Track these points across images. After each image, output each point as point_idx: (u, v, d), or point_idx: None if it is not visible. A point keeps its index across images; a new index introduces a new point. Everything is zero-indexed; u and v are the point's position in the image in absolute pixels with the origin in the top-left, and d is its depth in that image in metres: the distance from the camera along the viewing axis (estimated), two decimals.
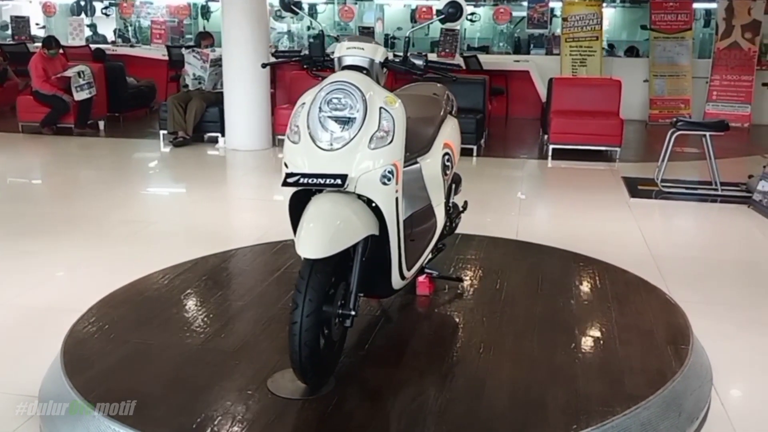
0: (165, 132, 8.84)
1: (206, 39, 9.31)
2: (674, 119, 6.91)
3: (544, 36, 13.17)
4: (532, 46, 13.15)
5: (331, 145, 2.59)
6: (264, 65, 3.26)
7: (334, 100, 2.61)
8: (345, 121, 2.60)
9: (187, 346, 2.96)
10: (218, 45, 9.25)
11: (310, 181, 2.54)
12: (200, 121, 8.79)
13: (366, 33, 12.09)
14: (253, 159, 8.33)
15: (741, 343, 3.63)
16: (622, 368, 2.85)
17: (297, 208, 2.70)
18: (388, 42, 14.08)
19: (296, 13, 3.00)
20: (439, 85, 3.68)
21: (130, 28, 14.86)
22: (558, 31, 12.93)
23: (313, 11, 14.17)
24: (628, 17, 15.34)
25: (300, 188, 2.63)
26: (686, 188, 6.85)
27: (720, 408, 2.95)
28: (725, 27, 10.83)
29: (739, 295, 4.31)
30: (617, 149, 8.39)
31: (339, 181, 2.52)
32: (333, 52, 2.81)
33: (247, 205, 6.60)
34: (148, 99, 11.18)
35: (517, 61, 11.84)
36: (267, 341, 3.02)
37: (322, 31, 2.98)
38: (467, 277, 3.79)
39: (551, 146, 8.45)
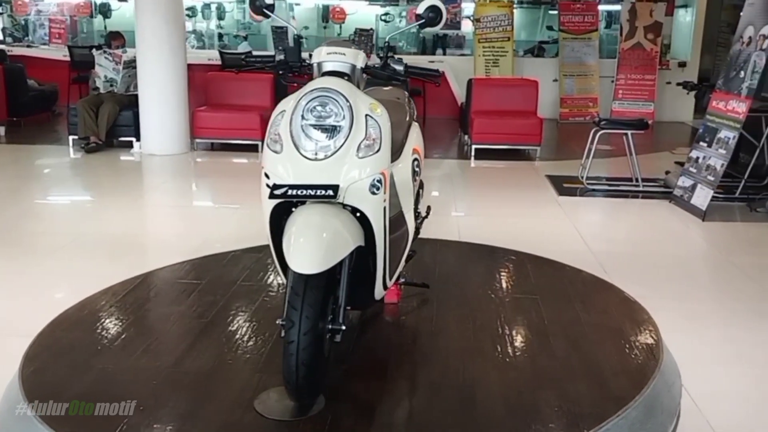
0: (75, 137, 8.39)
1: (117, 39, 8.90)
2: (596, 118, 7.14)
3: (449, 36, 13.40)
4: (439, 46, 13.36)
5: (316, 154, 2.50)
6: (237, 71, 3.10)
7: (318, 108, 2.51)
8: (330, 130, 2.51)
9: (157, 369, 2.78)
10: (130, 45, 8.87)
11: (299, 192, 2.43)
12: (113, 125, 8.41)
13: (279, 32, 11.89)
14: (171, 164, 8.04)
15: (692, 334, 3.78)
16: (603, 369, 2.88)
17: (276, 221, 2.60)
18: (296, 42, 13.95)
19: (267, 16, 2.87)
20: (390, 88, 3.62)
21: (21, 27, 14.02)
22: (462, 32, 13.19)
23: (221, 11, 13.82)
24: (527, 18, 15.76)
25: (284, 200, 2.52)
26: (609, 185, 7.10)
27: (688, 400, 3.05)
28: (629, 28, 11.29)
29: (680, 288, 4.50)
30: (537, 148, 8.61)
31: (331, 192, 2.42)
32: (310, 57, 2.72)
33: (176, 213, 6.35)
34: (50, 102, 10.59)
35: (432, 61, 11.93)
36: (242, 359, 2.89)
37: (298, 35, 2.87)
38: (429, 282, 3.75)
39: (473, 146, 8.56)
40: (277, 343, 3.01)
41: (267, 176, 2.58)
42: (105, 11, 13.61)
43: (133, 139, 8.46)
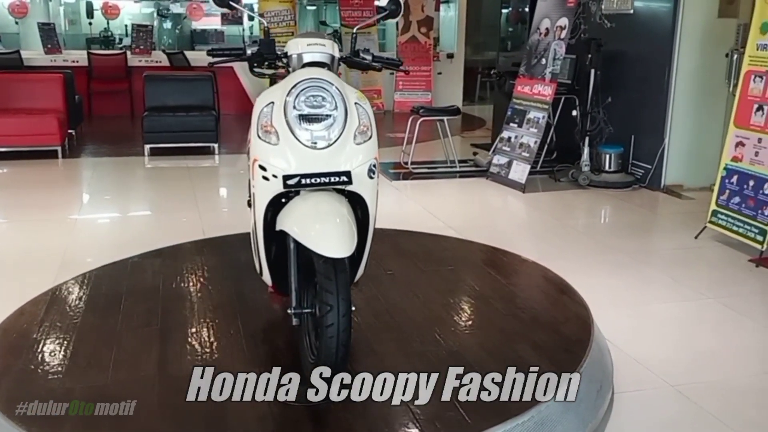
0: None
1: None
2: (416, 107, 7.61)
3: (211, 31, 13.39)
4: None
5: (314, 143, 2.55)
6: (211, 64, 2.95)
7: (311, 98, 2.57)
8: (322, 119, 2.57)
9: (154, 377, 2.64)
10: None
11: (314, 180, 2.48)
12: None
13: (46, 29, 10.95)
14: None
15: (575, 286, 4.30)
16: (551, 320, 3.26)
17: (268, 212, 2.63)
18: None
19: (233, 9, 2.82)
20: None
21: None
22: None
23: None
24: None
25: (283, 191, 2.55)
26: (429, 168, 7.62)
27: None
28: (404, 23, 12.03)
29: (542, 250, 5.03)
30: None
31: (345, 178, 2.51)
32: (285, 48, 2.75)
33: (19, 226, 5.75)
34: None
35: None
36: (238, 354, 2.84)
37: (267, 27, 2.86)
38: None
39: None
40: (251, 335, 3.01)
41: (263, 168, 2.57)
42: None
43: None
